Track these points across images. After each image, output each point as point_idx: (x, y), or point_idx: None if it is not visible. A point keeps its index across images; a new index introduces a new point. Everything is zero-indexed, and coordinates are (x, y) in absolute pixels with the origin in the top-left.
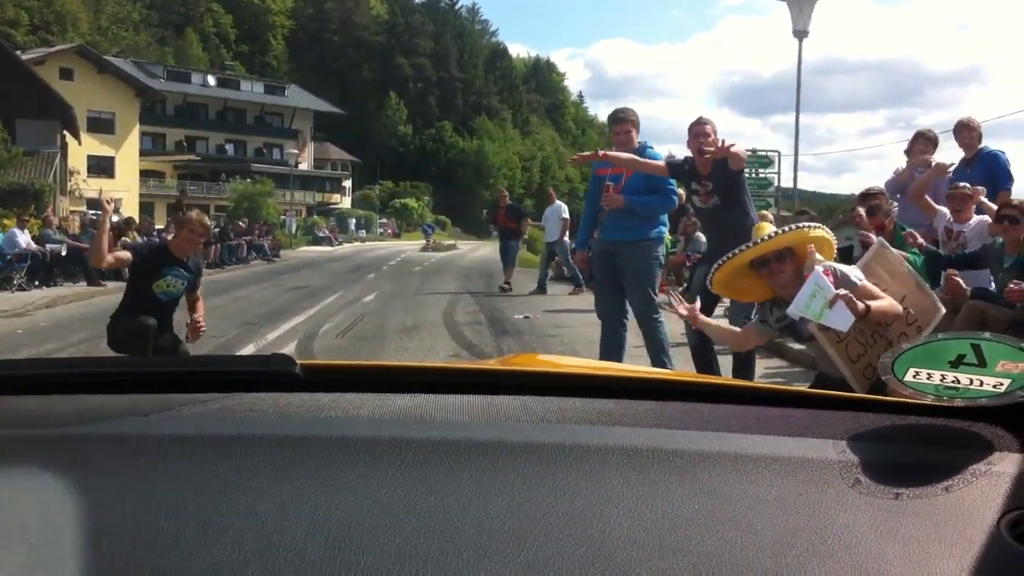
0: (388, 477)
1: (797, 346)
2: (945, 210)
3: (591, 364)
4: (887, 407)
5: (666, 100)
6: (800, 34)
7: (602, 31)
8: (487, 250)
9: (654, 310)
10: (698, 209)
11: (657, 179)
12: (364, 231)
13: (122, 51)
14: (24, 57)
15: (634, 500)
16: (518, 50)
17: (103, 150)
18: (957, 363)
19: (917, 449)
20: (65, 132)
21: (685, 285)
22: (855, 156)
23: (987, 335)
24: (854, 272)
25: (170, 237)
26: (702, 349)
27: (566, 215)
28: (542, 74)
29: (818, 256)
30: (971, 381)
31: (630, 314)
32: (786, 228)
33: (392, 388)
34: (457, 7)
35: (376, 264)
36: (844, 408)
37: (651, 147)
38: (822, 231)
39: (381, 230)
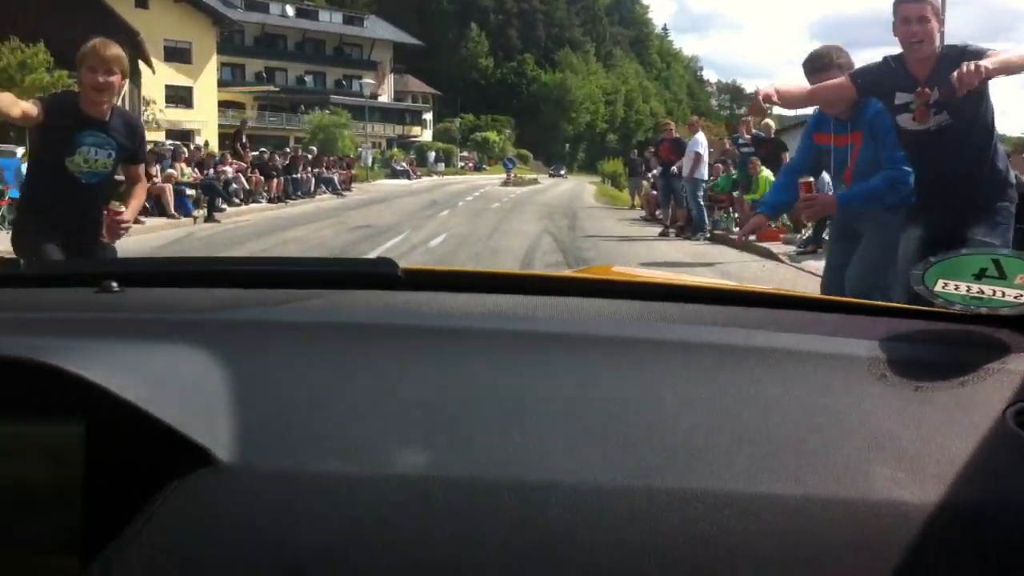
0: (481, 360)
1: None
2: None
3: (661, 276)
4: (919, 314)
5: (753, 34)
6: None
7: None
8: (569, 185)
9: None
10: (906, 133)
11: (889, 146)
12: (443, 164)
13: None
14: None
15: (686, 385)
16: None
17: (180, 80)
18: (980, 275)
19: (941, 350)
20: (139, 62)
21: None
22: None
23: (1007, 251)
24: None
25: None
26: None
27: (701, 149)
28: (625, 6)
29: None
30: (994, 292)
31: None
32: None
33: (483, 290)
34: None
35: (452, 200)
36: (880, 315)
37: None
38: None
39: (462, 164)
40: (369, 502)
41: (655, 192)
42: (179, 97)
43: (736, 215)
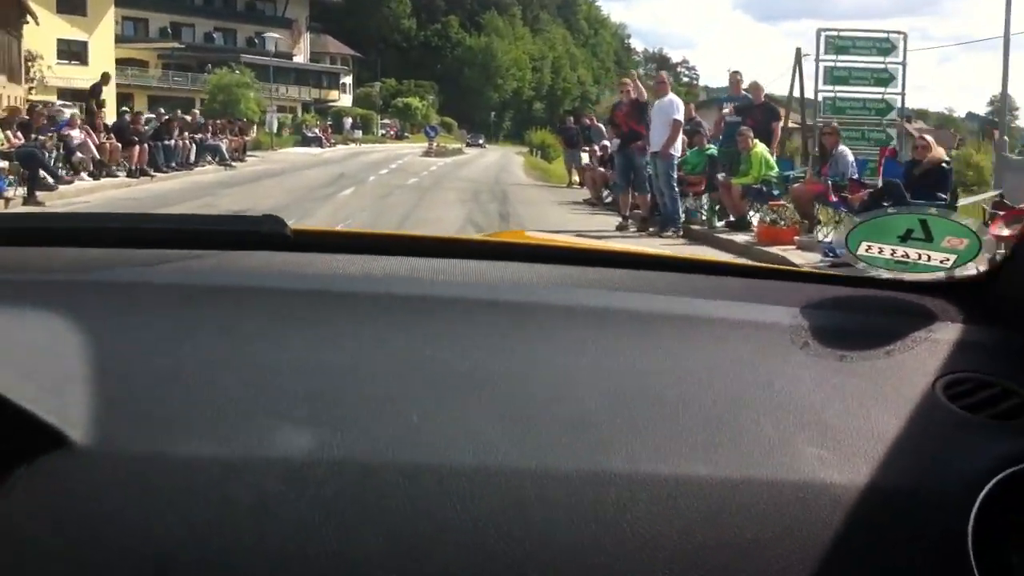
0: (373, 328)
1: None
2: None
3: (577, 241)
4: (842, 280)
5: (678, 4)
6: None
7: None
8: (495, 156)
9: None
10: None
11: None
12: (360, 132)
13: None
14: None
15: (597, 355)
16: None
17: (74, 33)
18: (906, 237)
19: (865, 318)
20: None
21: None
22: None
23: (933, 211)
24: None
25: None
26: None
27: (679, 115)
28: None
29: None
30: (919, 256)
31: None
32: None
33: (381, 253)
34: None
35: (363, 173)
36: (803, 280)
37: None
38: None
39: (383, 131)
40: (243, 488)
41: (601, 170)
42: (72, 52)
43: (718, 206)
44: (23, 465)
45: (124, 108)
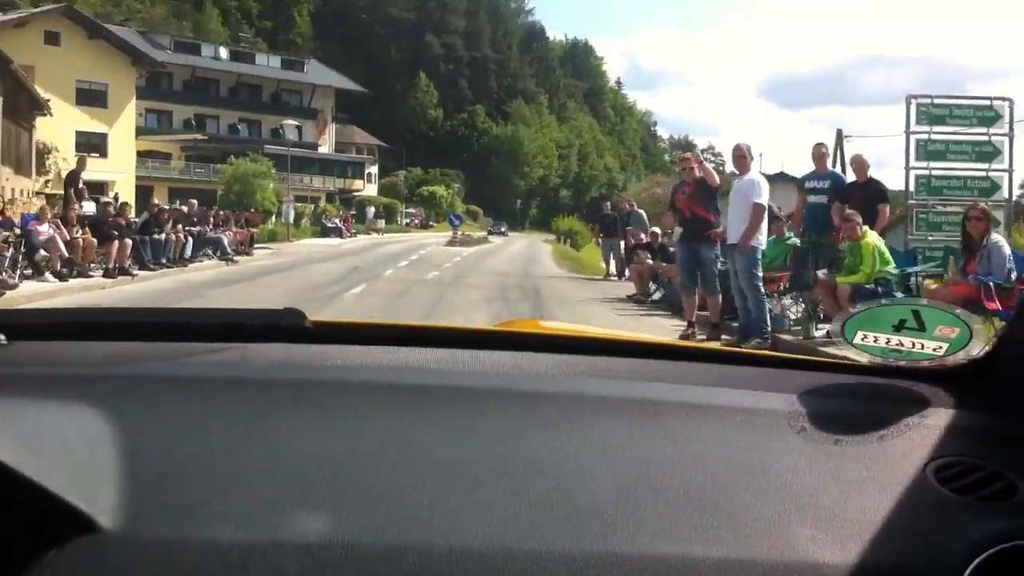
0: (389, 416)
1: None
2: None
3: (592, 331)
4: (839, 368)
5: (702, 92)
6: None
7: (638, 19)
8: (522, 245)
9: None
10: None
11: None
12: (383, 221)
13: (127, 19)
14: (2, 18)
15: (601, 441)
16: (554, 35)
17: (94, 125)
18: (900, 327)
19: (860, 404)
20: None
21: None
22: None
23: (924, 301)
24: None
25: None
26: None
27: (762, 199)
28: (580, 57)
29: None
30: (913, 344)
31: None
32: None
33: (397, 343)
34: None
35: (379, 266)
36: (801, 368)
37: None
38: None
39: (408, 220)
40: (263, 572)
41: (649, 261)
42: (92, 145)
43: (816, 307)
44: (54, 549)
45: (106, 199)
